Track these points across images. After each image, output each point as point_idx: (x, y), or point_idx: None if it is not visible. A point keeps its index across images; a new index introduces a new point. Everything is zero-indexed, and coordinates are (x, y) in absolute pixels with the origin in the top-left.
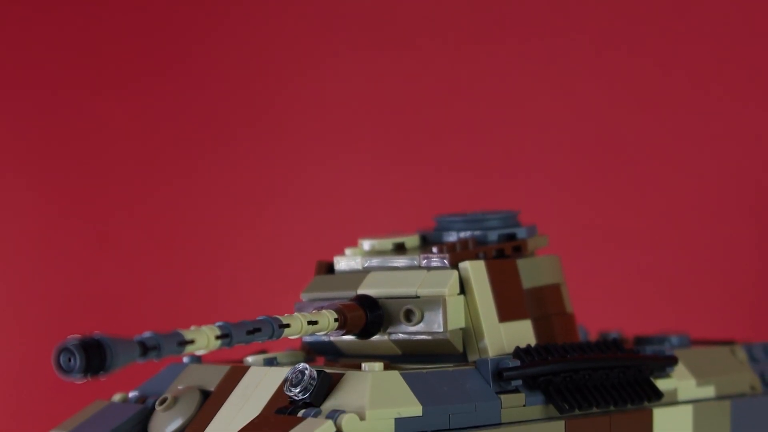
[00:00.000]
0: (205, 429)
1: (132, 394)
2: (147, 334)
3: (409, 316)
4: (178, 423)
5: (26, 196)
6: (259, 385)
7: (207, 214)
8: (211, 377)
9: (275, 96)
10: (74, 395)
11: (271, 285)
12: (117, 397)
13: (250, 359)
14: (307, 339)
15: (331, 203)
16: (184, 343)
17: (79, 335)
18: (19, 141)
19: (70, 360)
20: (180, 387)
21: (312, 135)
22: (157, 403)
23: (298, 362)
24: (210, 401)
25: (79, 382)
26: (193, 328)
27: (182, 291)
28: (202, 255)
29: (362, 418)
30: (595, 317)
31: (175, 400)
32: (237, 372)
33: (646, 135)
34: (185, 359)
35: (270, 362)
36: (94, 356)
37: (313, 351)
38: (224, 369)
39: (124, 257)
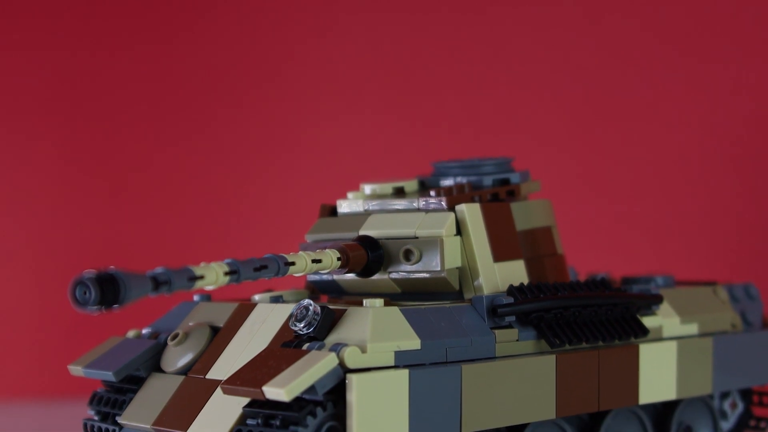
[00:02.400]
0: (214, 363)
1: (145, 331)
2: (159, 269)
3: (408, 256)
4: (189, 357)
5: (48, 150)
6: (266, 321)
7: (218, 163)
8: (221, 314)
9: (283, 54)
10: (90, 332)
11: (277, 228)
12: (131, 334)
13: (257, 297)
14: (312, 278)
15: (335, 151)
16: (194, 278)
17: (94, 269)
18: (42, 100)
19: (85, 293)
20: (191, 323)
21: (317, 89)
22: (169, 338)
23: (302, 299)
24: (219, 336)
25: (94, 314)
26: (202, 264)
27: (194, 236)
28: (214, 201)
29: (363, 350)
30: (584, 260)
31: (186, 335)
32: (245, 309)
33: (632, 91)
34: (196, 297)
35: (276, 300)
36: (109, 289)
37: (317, 289)
38: (233, 306)
39: (139, 206)
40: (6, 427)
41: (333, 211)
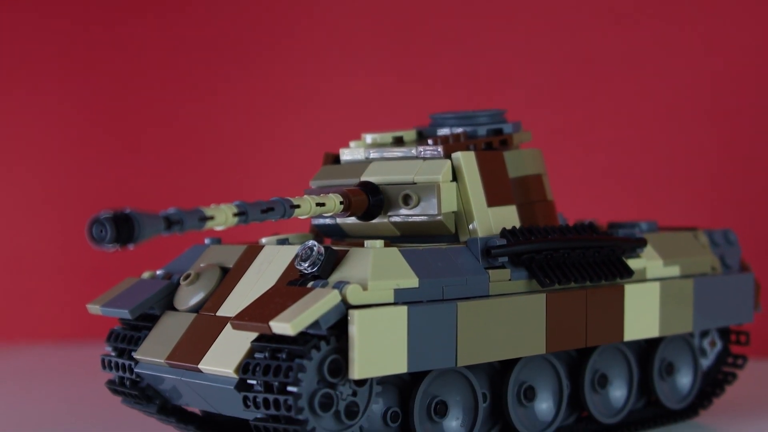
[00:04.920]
0: (224, 301)
1: (159, 272)
2: (171, 210)
3: (407, 201)
4: (200, 296)
5: (66, 103)
6: (273, 262)
7: (229, 117)
8: (230, 256)
9: (291, 15)
10: (107, 277)
11: (284, 175)
12: (146, 275)
13: (264, 240)
14: (316, 222)
15: (338, 103)
16: (205, 218)
17: (110, 209)
18: (58, 55)
19: (101, 231)
20: (202, 264)
21: (323, 48)
22: (181, 278)
23: (307, 241)
24: (229, 276)
25: (110, 252)
26: (212, 206)
27: (206, 185)
28: (225, 152)
29: (365, 288)
30: (572, 208)
31: (198, 275)
32: (253, 250)
33: (618, 49)
34: (207, 240)
35: (282, 242)
36: (124, 228)
37: (321, 233)
38: (241, 248)
39: (153, 156)
40: (29, 367)
41: (336, 159)
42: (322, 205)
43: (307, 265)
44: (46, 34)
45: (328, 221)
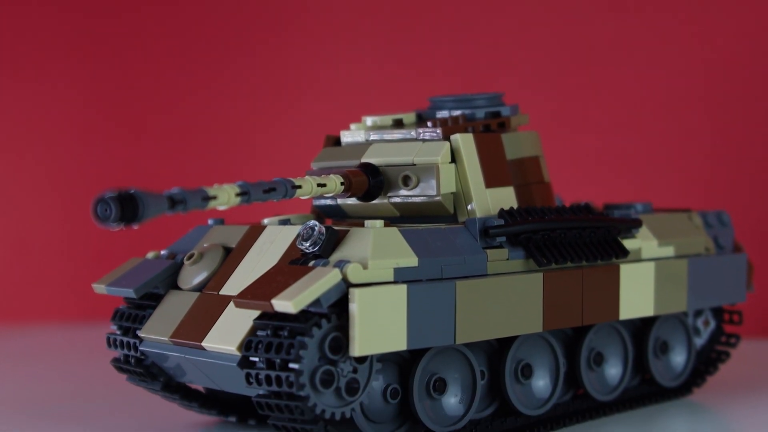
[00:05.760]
0: (227, 280)
1: (163, 252)
2: (175, 189)
3: (406, 182)
4: (203, 275)
5: (70, 90)
6: (275, 241)
7: (234, 103)
8: (233, 236)
9: (294, 3)
10: (112, 259)
11: (286, 158)
12: (150, 255)
13: (266, 220)
14: (317, 203)
15: (339, 87)
16: (208, 198)
17: (115, 189)
18: (64, 44)
19: (106, 210)
20: (205, 245)
21: (323, 32)
22: (185, 258)
23: (309, 221)
24: (232, 256)
25: (114, 230)
26: (216, 185)
27: (210, 169)
28: (229, 136)
29: (365, 267)
30: (569, 190)
31: (201, 255)
32: (255, 231)
33: (615, 34)
34: (210, 221)
35: (284, 222)
36: (128, 207)
37: (322, 214)
38: (244, 228)
39: (159, 141)
40: (36, 347)
41: (337, 141)
42: (323, 185)
43: (308, 244)
44: (52, 23)
45: (329, 202)
